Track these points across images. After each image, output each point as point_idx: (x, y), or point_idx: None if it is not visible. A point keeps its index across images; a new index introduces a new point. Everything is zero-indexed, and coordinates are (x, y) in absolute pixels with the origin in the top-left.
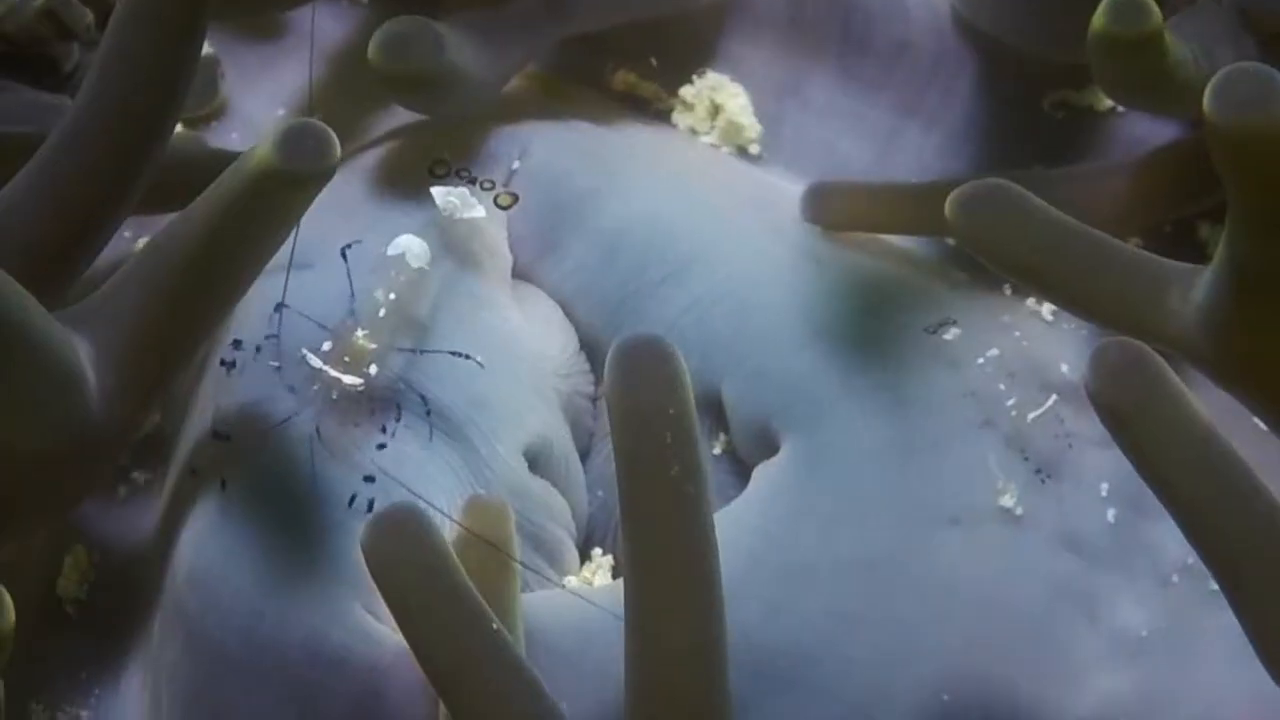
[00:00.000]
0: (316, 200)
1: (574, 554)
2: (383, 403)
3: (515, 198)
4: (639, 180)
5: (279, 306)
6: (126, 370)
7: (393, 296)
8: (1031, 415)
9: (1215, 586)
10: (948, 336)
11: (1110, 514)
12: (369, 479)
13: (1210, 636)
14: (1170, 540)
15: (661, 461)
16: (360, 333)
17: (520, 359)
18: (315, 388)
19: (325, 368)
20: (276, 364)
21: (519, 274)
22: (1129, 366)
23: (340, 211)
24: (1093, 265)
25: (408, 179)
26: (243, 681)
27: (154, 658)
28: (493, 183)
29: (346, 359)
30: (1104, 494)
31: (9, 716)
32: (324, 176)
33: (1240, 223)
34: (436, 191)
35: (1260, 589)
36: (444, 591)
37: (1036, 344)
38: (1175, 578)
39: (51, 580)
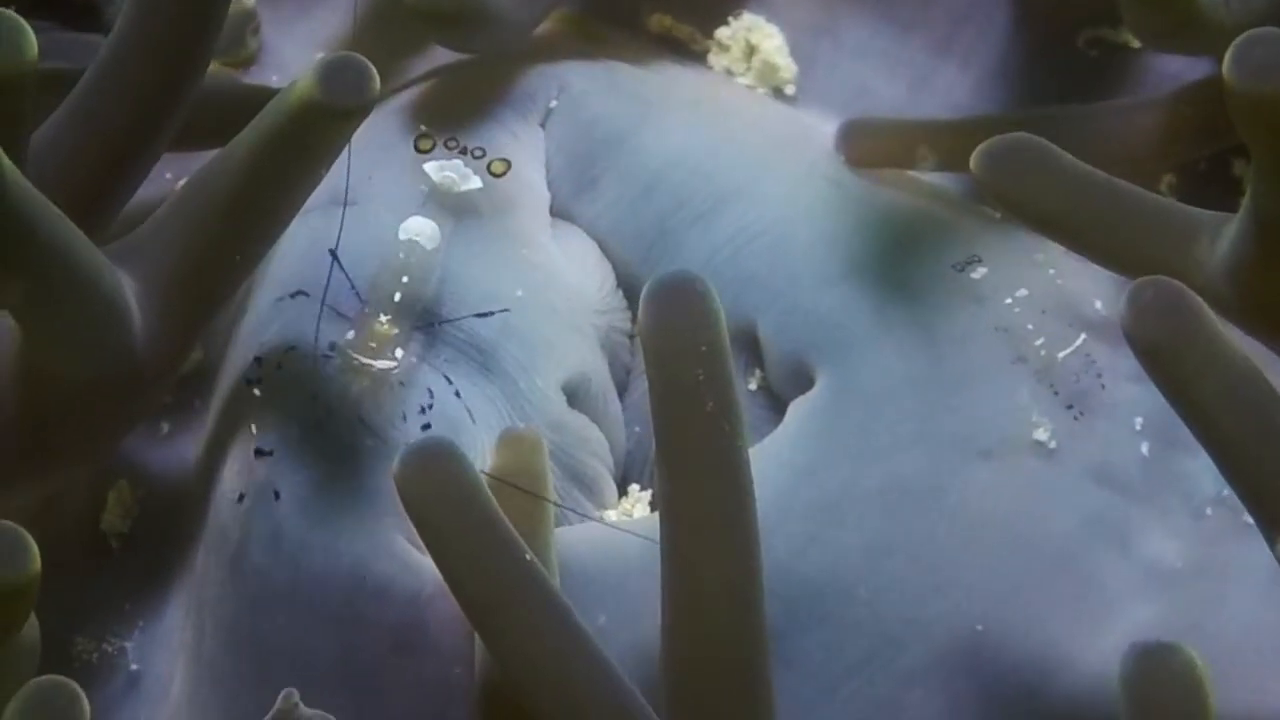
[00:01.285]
0: (356, 138)
1: (612, 488)
2: (417, 381)
3: (507, 164)
4: (675, 119)
5: (322, 302)
6: (170, 305)
7: (405, 280)
8: (1062, 354)
9: (1248, 520)
10: (975, 275)
11: (1144, 448)
12: None
13: (1243, 570)
14: (1204, 474)
15: (696, 400)
16: (383, 318)
17: (558, 295)
18: (348, 377)
19: (356, 356)
20: (303, 370)
21: (556, 211)
22: (1166, 304)
23: (380, 150)
24: (1119, 216)
25: (446, 117)
26: (286, 611)
27: (197, 589)
28: (482, 150)
29: (373, 345)
30: (1138, 428)
31: (53, 647)
32: (364, 110)
33: (1264, 180)
34: (430, 168)
35: None
36: (476, 524)
37: (1070, 281)
38: (1209, 511)
39: (95, 515)
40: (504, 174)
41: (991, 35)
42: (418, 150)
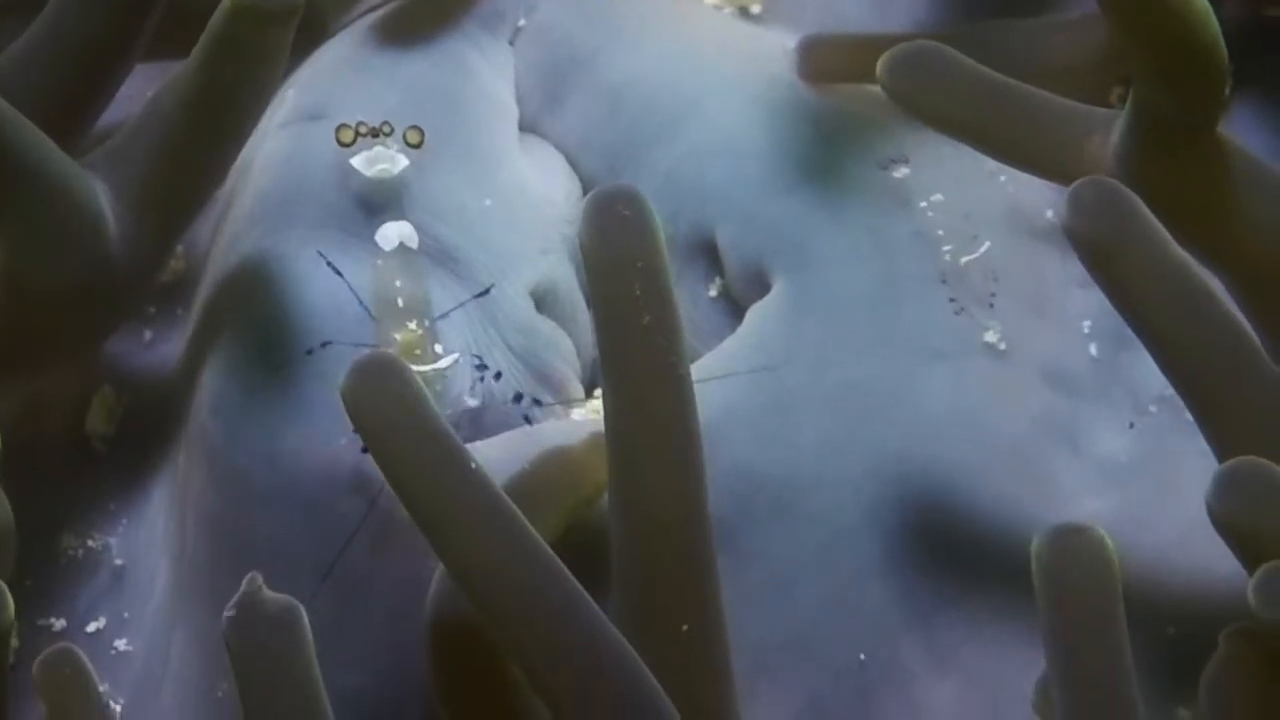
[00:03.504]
0: (332, 59)
1: (579, 390)
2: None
3: (421, 132)
4: (641, 37)
5: None
6: (144, 211)
7: (399, 284)
8: (964, 260)
9: (1190, 416)
10: (897, 175)
11: (1092, 348)
12: None
13: (1187, 462)
14: (1149, 373)
15: (633, 314)
16: (409, 325)
17: (527, 205)
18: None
19: (419, 368)
20: None
21: (524, 126)
22: (1105, 204)
23: (352, 68)
24: (1018, 116)
25: (418, 34)
26: (264, 507)
27: (179, 488)
28: (391, 126)
29: (418, 352)
30: (1086, 330)
31: (39, 544)
32: (293, 11)
33: (1141, 72)
34: (357, 162)
35: (1231, 416)
36: (422, 435)
37: (1023, 189)
38: (1153, 408)
39: (80, 418)
40: (420, 143)
41: None
42: (340, 144)
